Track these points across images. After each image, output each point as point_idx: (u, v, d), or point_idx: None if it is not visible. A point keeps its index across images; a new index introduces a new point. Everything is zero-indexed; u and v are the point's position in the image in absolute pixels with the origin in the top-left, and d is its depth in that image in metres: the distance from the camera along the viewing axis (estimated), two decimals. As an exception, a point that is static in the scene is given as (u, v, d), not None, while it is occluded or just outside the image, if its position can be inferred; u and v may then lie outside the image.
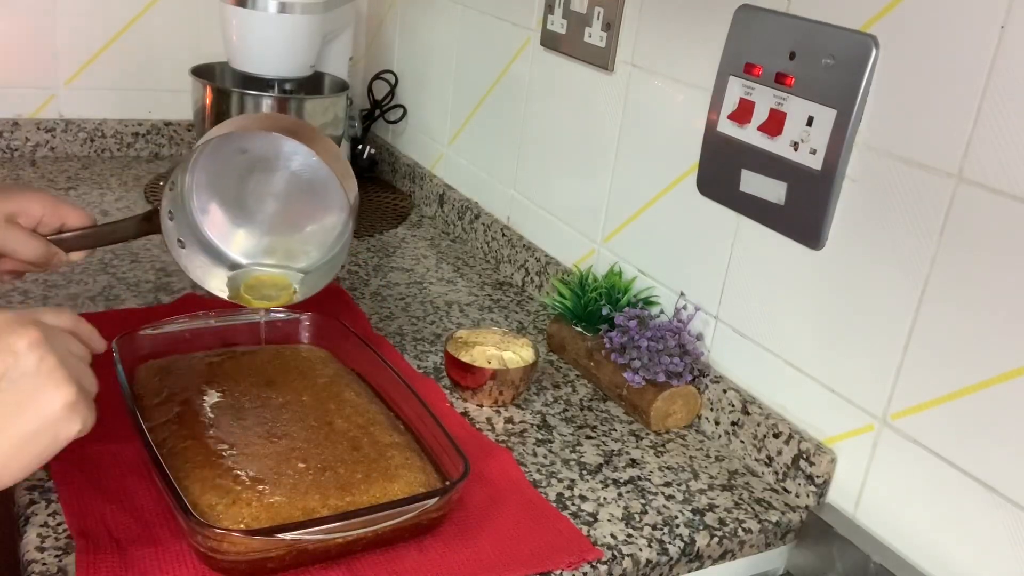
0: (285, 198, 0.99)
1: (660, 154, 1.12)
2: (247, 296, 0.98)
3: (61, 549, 0.74)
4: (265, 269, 1.01)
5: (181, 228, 0.96)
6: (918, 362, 0.84)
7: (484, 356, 1.05)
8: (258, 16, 1.39)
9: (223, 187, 0.98)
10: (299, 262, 1.01)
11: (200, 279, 0.97)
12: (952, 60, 0.79)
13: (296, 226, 1.00)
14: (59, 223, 0.87)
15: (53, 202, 0.87)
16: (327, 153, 0.91)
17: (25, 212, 0.85)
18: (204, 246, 0.99)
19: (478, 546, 0.80)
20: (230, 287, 0.98)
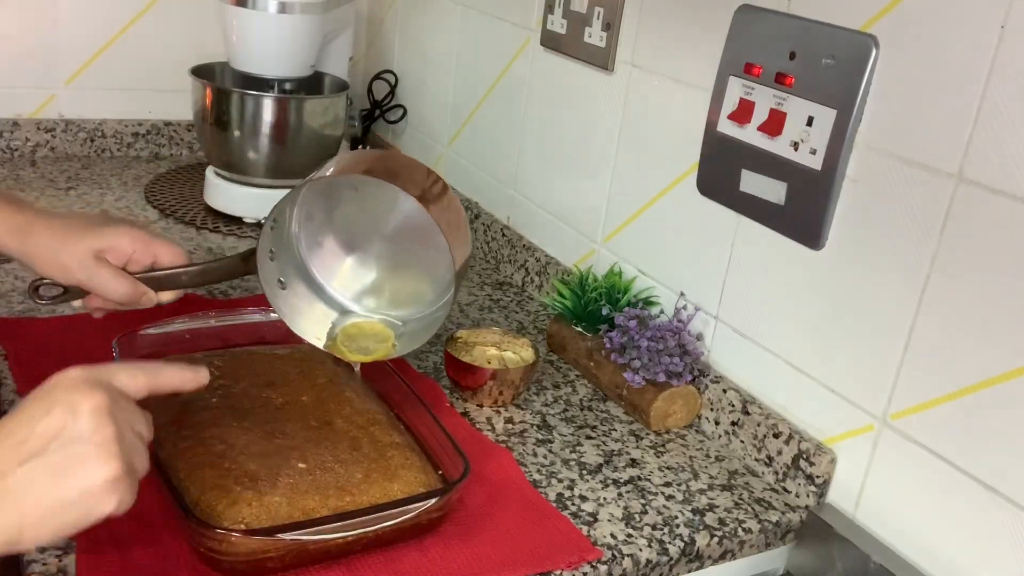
0: (394, 239, 0.94)
1: (660, 154, 1.12)
2: (343, 347, 0.92)
3: (61, 549, 0.73)
4: (367, 316, 0.96)
5: (283, 268, 0.92)
6: (918, 362, 0.84)
7: (484, 356, 1.05)
8: (258, 16, 1.39)
9: (331, 222, 0.94)
10: (403, 309, 0.96)
11: (296, 324, 0.92)
12: (952, 60, 0.79)
13: (404, 268, 0.95)
14: (150, 261, 0.84)
15: (145, 238, 0.83)
16: (442, 210, 0.85)
17: (115, 248, 0.82)
18: (307, 287, 0.95)
19: (478, 546, 0.80)
20: (328, 334, 0.94)
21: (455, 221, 0.87)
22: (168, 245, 0.84)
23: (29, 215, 0.85)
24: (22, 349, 1.00)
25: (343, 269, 0.96)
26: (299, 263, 0.94)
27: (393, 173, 0.85)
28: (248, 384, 0.92)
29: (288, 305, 0.92)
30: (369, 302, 0.97)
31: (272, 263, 0.90)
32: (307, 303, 0.94)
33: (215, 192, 1.47)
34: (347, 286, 0.96)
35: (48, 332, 1.04)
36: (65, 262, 0.82)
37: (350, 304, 0.96)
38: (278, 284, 0.91)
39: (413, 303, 0.95)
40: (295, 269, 0.94)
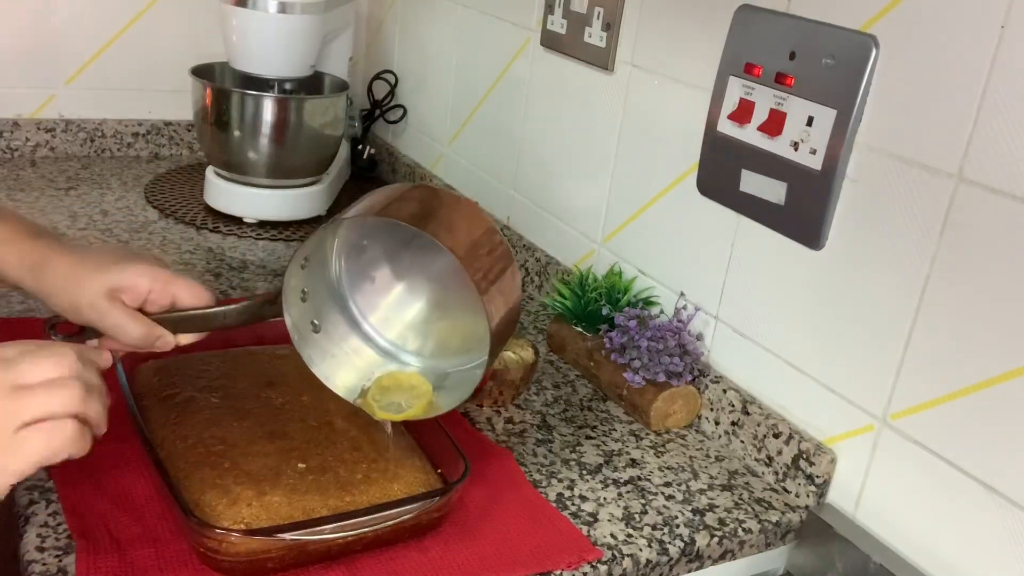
0: (440, 280, 0.85)
1: (660, 154, 1.12)
2: (373, 401, 0.83)
3: (61, 549, 0.74)
4: (407, 364, 0.86)
5: (319, 308, 0.84)
6: (918, 362, 0.84)
7: (484, 356, 1.04)
8: (258, 16, 1.39)
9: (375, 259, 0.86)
10: (446, 359, 0.86)
11: (327, 372, 0.83)
12: (952, 60, 0.79)
13: (449, 313, 0.85)
14: (169, 301, 0.79)
15: (165, 277, 0.78)
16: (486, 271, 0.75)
17: (131, 288, 0.77)
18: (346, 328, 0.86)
19: (478, 546, 0.80)
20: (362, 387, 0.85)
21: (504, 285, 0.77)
22: (190, 285, 0.80)
23: (45, 249, 0.80)
24: (22, 349, 0.99)
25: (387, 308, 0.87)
26: (338, 302, 0.86)
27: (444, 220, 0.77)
28: (248, 384, 0.92)
29: (320, 350, 0.84)
30: (413, 346, 0.87)
31: (305, 304, 0.82)
32: (344, 348, 0.86)
33: (215, 192, 1.47)
34: (391, 327, 0.87)
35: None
36: (77, 302, 0.77)
37: (392, 347, 0.87)
38: (311, 327, 0.83)
39: (457, 353, 0.85)
40: (332, 309, 0.86)
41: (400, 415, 0.82)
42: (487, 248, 0.77)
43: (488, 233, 0.78)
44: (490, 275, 0.75)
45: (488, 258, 0.76)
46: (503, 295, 0.77)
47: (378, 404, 0.83)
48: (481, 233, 0.78)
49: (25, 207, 1.40)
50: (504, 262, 0.78)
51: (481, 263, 0.75)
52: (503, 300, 0.76)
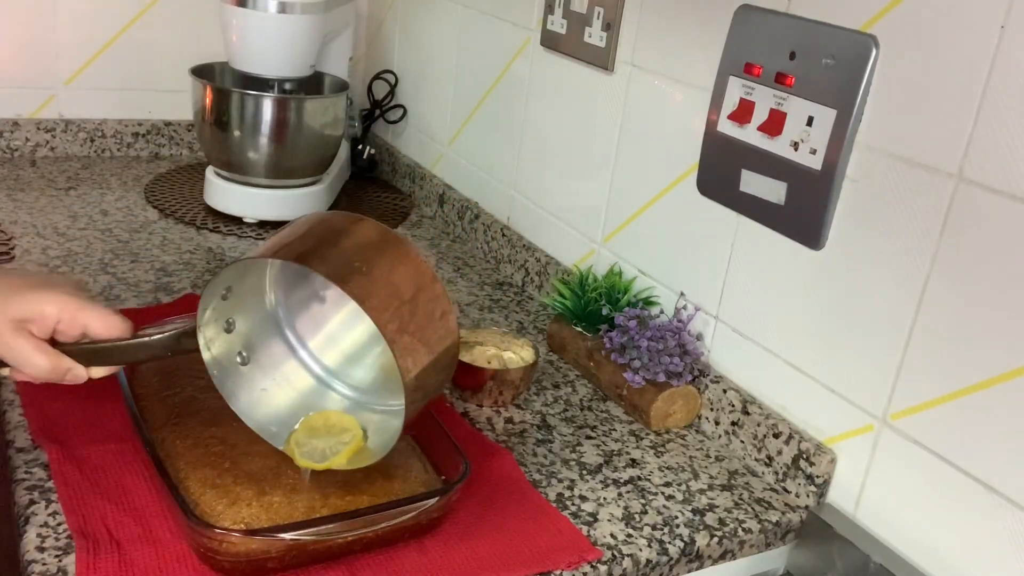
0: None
1: (660, 154, 1.12)
2: (295, 446, 0.78)
3: (61, 549, 0.74)
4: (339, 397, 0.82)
5: (247, 340, 0.80)
6: (918, 362, 0.84)
7: (484, 356, 1.05)
8: (258, 16, 1.39)
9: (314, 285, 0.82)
10: (380, 398, 0.82)
11: (247, 408, 0.79)
12: (952, 60, 0.79)
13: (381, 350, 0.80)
14: (79, 332, 0.74)
15: (75, 305, 0.73)
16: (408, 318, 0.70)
17: (38, 317, 0.72)
18: (279, 355, 0.82)
19: (478, 546, 0.80)
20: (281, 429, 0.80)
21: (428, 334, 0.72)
22: (102, 315, 0.74)
23: None
24: (22, 349, 0.99)
25: (327, 335, 0.83)
26: (273, 329, 0.81)
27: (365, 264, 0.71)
28: (248, 384, 0.92)
29: (248, 384, 0.80)
30: (349, 375, 0.83)
31: (230, 335, 0.78)
32: (276, 377, 0.81)
33: (215, 192, 1.47)
34: (329, 354, 0.83)
35: (48, 332, 1.04)
36: None
37: (328, 375, 0.82)
38: (238, 359, 0.80)
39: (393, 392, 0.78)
40: (266, 338, 0.81)
41: (323, 464, 0.77)
42: (411, 293, 0.72)
43: (415, 276, 0.73)
44: (409, 325, 0.70)
45: (409, 305, 0.71)
46: (426, 344, 0.71)
47: (301, 449, 0.78)
48: (406, 278, 0.72)
49: (25, 207, 1.40)
50: (433, 305, 0.73)
51: (398, 311, 0.70)
52: (426, 349, 0.71)
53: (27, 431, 0.87)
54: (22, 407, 0.90)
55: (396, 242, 0.75)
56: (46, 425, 0.87)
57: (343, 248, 0.72)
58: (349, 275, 0.69)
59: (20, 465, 0.83)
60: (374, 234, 0.75)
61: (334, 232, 0.74)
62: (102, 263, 1.24)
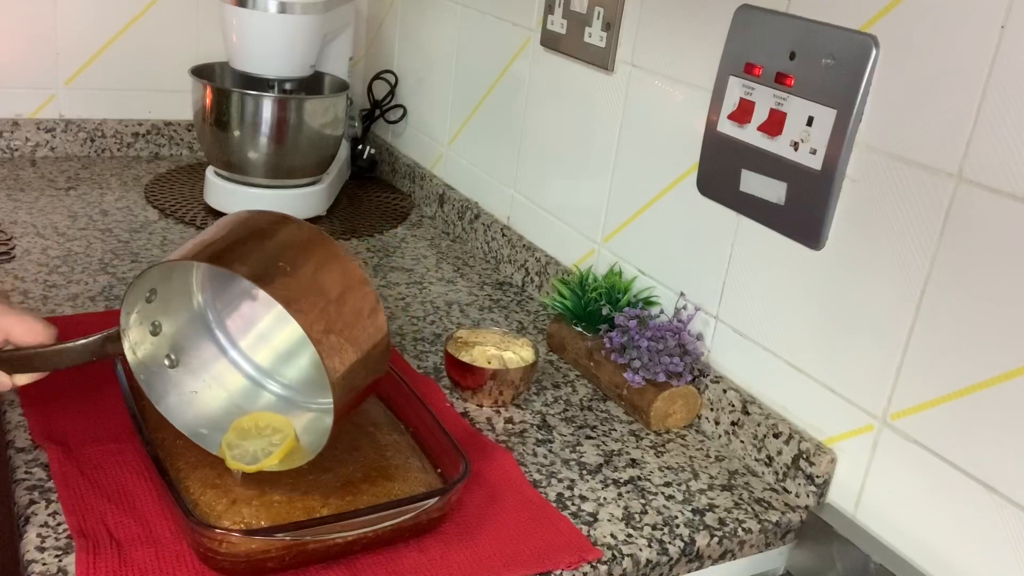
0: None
1: (660, 154, 1.12)
2: (227, 448, 0.77)
3: (61, 549, 0.74)
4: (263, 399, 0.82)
5: (175, 342, 0.80)
6: (918, 362, 0.84)
7: (484, 356, 1.05)
8: (258, 16, 1.39)
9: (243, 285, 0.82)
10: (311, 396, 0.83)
11: (176, 410, 0.78)
12: (952, 60, 0.79)
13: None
14: (2, 338, 0.73)
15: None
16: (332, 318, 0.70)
17: None
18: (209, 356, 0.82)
19: (478, 546, 0.80)
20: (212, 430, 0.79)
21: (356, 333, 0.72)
22: (23, 320, 0.74)
23: None
24: (22, 349, 1.00)
25: (257, 334, 0.83)
26: (202, 330, 0.81)
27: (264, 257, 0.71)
28: (248, 384, 0.92)
29: (177, 386, 0.79)
30: (280, 373, 0.83)
31: (157, 337, 0.77)
32: (206, 378, 0.81)
33: (215, 192, 1.47)
34: (260, 352, 0.83)
35: (48, 332, 1.04)
36: None
37: (260, 374, 0.82)
38: (166, 362, 0.79)
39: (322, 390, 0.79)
40: (195, 339, 0.81)
41: (254, 466, 0.76)
42: (338, 292, 0.72)
43: (342, 276, 0.73)
44: (335, 324, 0.70)
45: (335, 304, 0.71)
46: (354, 343, 0.71)
47: (233, 452, 0.77)
48: (332, 277, 0.72)
49: (25, 207, 1.40)
50: (361, 304, 0.73)
51: (324, 311, 0.70)
52: (354, 348, 0.71)
53: (27, 431, 0.87)
54: (22, 407, 0.90)
55: (322, 242, 0.74)
56: (46, 425, 0.87)
57: (267, 248, 0.72)
58: (273, 276, 0.69)
59: (20, 465, 0.83)
60: (300, 234, 0.74)
61: (258, 232, 0.73)
62: (102, 263, 1.24)
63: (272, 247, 0.72)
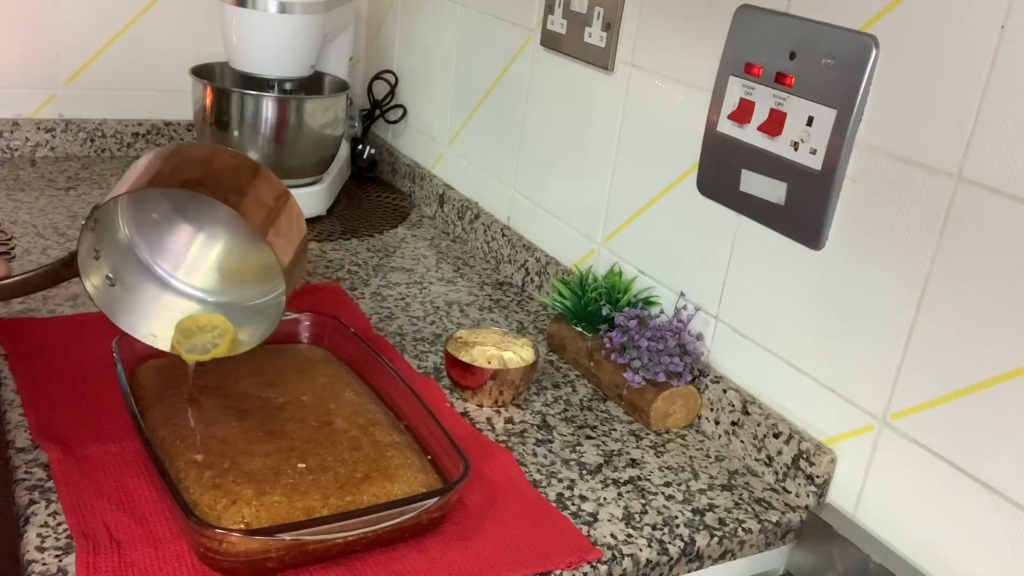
0: (227, 224, 0.93)
1: (660, 154, 1.12)
2: (177, 346, 0.89)
3: (61, 549, 0.74)
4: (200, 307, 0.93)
5: (112, 264, 0.89)
6: (918, 362, 0.84)
7: (484, 356, 1.05)
8: (258, 16, 1.39)
9: (164, 209, 0.93)
10: (239, 293, 0.94)
11: (129, 322, 0.89)
12: (952, 60, 0.79)
13: (240, 251, 0.94)
14: None
15: None
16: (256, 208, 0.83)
17: None
18: (141, 278, 0.92)
19: (478, 546, 0.80)
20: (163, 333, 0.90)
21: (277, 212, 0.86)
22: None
23: None
24: (22, 349, 1.00)
25: (179, 253, 0.94)
26: (130, 254, 0.92)
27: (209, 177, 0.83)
28: (248, 384, 0.92)
29: (119, 302, 0.89)
30: (206, 284, 0.94)
31: (98, 261, 0.87)
32: (140, 297, 0.92)
33: (215, 192, 1.47)
34: (183, 268, 0.94)
35: (48, 332, 1.04)
36: None
37: (184, 286, 0.94)
38: (106, 281, 0.89)
39: (250, 284, 0.93)
40: (127, 261, 0.91)
41: (207, 355, 0.88)
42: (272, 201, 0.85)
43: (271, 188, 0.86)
44: (279, 228, 0.84)
45: (274, 212, 0.84)
46: (291, 242, 0.85)
47: (183, 348, 0.88)
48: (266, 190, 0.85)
49: (25, 207, 1.40)
50: (290, 210, 0.87)
51: (268, 217, 0.83)
52: (291, 246, 0.85)
53: (27, 431, 0.87)
54: (22, 407, 0.90)
55: (249, 162, 0.88)
56: (46, 425, 0.87)
57: (213, 171, 0.84)
58: (226, 193, 0.82)
59: (20, 465, 0.83)
60: (231, 158, 0.87)
61: (201, 159, 0.85)
62: (102, 263, 1.24)
63: (217, 170, 0.84)
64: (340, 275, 1.32)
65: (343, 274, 1.32)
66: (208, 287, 0.95)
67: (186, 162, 0.84)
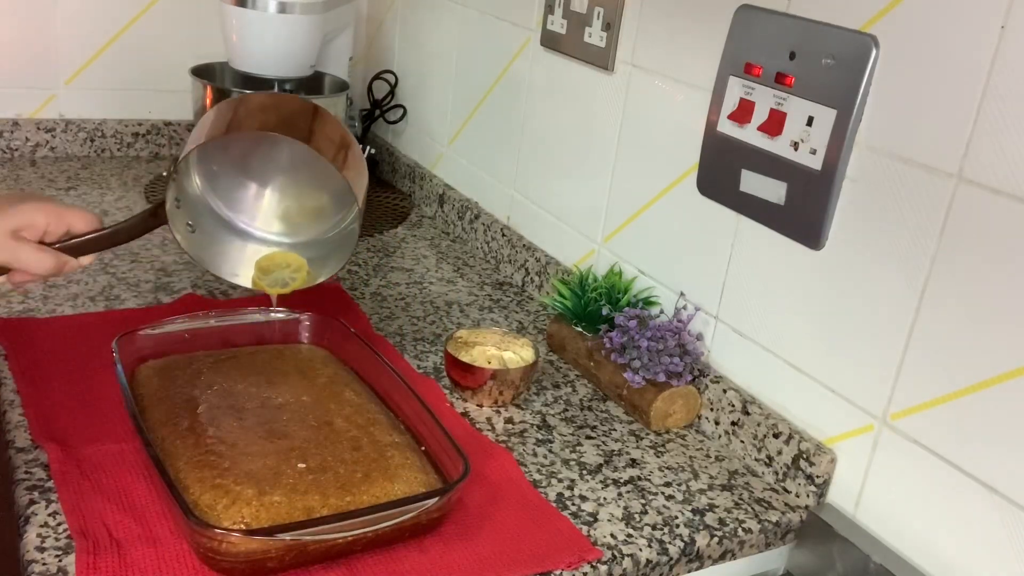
0: (291, 168, 1.00)
1: (660, 154, 1.12)
2: (259, 282, 0.98)
3: (61, 549, 0.74)
4: (276, 248, 1.01)
5: (192, 212, 0.97)
6: (918, 362, 0.84)
7: (484, 356, 1.05)
8: (258, 16, 1.39)
9: (229, 163, 0.99)
10: (312, 230, 1.02)
11: (213, 264, 0.98)
12: (952, 60, 0.79)
13: (305, 191, 1.02)
14: (65, 229, 0.86)
15: (56, 209, 0.86)
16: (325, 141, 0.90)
17: (30, 224, 0.84)
18: (216, 225, 1.00)
19: (478, 546, 0.80)
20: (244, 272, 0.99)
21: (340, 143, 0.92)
22: (79, 212, 0.87)
23: None
24: (22, 349, 1.00)
25: (249, 202, 1.02)
26: (202, 204, 0.99)
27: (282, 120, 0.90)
28: (248, 384, 0.92)
29: (200, 247, 0.97)
30: (279, 228, 1.02)
31: (179, 211, 0.94)
32: (219, 242, 1.00)
33: (215, 192, 1.47)
34: (256, 217, 1.02)
35: (48, 332, 1.04)
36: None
37: (259, 232, 1.02)
38: (188, 227, 0.96)
39: (319, 221, 1.02)
40: (203, 210, 0.99)
41: (288, 288, 0.97)
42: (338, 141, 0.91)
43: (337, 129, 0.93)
44: (348, 164, 0.91)
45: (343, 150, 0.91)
46: (360, 176, 0.93)
47: (264, 283, 0.97)
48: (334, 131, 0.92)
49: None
50: (355, 149, 0.94)
51: (338, 154, 0.90)
52: (360, 180, 0.93)
53: (27, 431, 0.87)
54: (22, 407, 0.90)
55: (309, 105, 0.94)
56: (46, 425, 0.87)
57: (283, 115, 0.91)
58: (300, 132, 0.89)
59: (20, 465, 0.83)
60: (295, 102, 0.95)
61: (270, 105, 0.93)
62: (102, 263, 1.24)
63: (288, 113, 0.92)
64: (340, 275, 1.32)
65: (343, 274, 1.32)
66: (277, 230, 1.02)
67: (258, 108, 0.91)
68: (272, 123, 0.89)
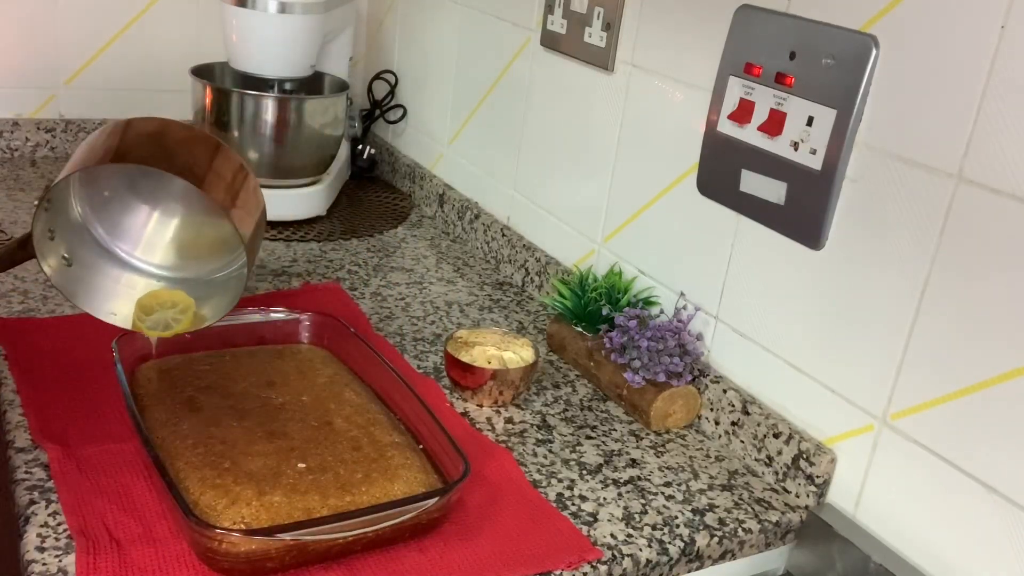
0: (185, 198, 0.93)
1: (660, 154, 1.12)
2: (139, 323, 0.88)
3: (61, 549, 0.74)
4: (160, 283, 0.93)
5: (68, 243, 0.89)
6: (918, 362, 0.84)
7: (484, 356, 1.05)
8: (258, 16, 1.39)
9: (124, 187, 0.92)
10: (200, 268, 0.94)
11: (88, 301, 0.89)
12: (952, 60, 0.79)
13: (196, 226, 0.94)
14: None
15: None
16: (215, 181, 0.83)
17: None
18: (97, 257, 0.92)
19: (478, 546, 0.80)
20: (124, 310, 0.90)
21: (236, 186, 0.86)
22: None
23: None
24: (22, 349, 1.00)
25: (137, 230, 0.94)
26: (85, 234, 0.92)
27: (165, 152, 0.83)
28: (248, 384, 0.92)
29: (77, 282, 0.89)
30: (163, 260, 0.94)
31: (53, 242, 0.87)
32: (99, 276, 0.92)
33: (215, 192, 1.47)
34: (138, 246, 0.94)
35: (48, 332, 1.04)
36: None
37: (141, 264, 0.94)
38: (63, 261, 0.88)
39: (213, 258, 0.94)
40: (85, 240, 0.91)
41: (169, 331, 0.88)
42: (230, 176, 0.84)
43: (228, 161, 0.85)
44: (237, 200, 0.83)
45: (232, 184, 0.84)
46: (249, 212, 0.85)
47: (144, 324, 0.88)
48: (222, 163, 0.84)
49: (25, 207, 1.40)
50: (246, 182, 0.86)
51: (227, 190, 0.83)
52: (250, 217, 0.85)
53: (27, 431, 0.87)
54: (22, 407, 0.90)
55: (202, 135, 0.87)
56: (46, 425, 0.87)
57: (168, 145, 0.83)
58: (182, 167, 0.81)
59: (20, 465, 0.83)
60: (184, 131, 0.86)
61: (154, 134, 0.84)
62: (102, 263, 1.24)
63: (170, 144, 0.83)
64: (340, 275, 1.32)
65: (343, 274, 1.32)
66: (167, 264, 0.95)
67: (140, 137, 0.83)
68: (157, 156, 0.81)
